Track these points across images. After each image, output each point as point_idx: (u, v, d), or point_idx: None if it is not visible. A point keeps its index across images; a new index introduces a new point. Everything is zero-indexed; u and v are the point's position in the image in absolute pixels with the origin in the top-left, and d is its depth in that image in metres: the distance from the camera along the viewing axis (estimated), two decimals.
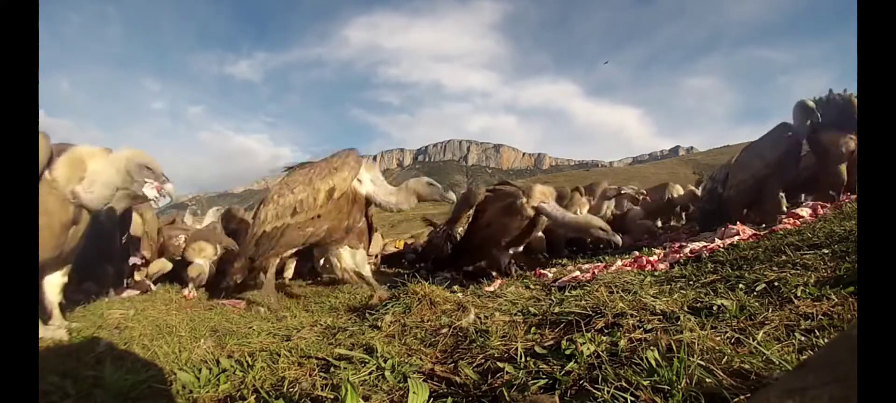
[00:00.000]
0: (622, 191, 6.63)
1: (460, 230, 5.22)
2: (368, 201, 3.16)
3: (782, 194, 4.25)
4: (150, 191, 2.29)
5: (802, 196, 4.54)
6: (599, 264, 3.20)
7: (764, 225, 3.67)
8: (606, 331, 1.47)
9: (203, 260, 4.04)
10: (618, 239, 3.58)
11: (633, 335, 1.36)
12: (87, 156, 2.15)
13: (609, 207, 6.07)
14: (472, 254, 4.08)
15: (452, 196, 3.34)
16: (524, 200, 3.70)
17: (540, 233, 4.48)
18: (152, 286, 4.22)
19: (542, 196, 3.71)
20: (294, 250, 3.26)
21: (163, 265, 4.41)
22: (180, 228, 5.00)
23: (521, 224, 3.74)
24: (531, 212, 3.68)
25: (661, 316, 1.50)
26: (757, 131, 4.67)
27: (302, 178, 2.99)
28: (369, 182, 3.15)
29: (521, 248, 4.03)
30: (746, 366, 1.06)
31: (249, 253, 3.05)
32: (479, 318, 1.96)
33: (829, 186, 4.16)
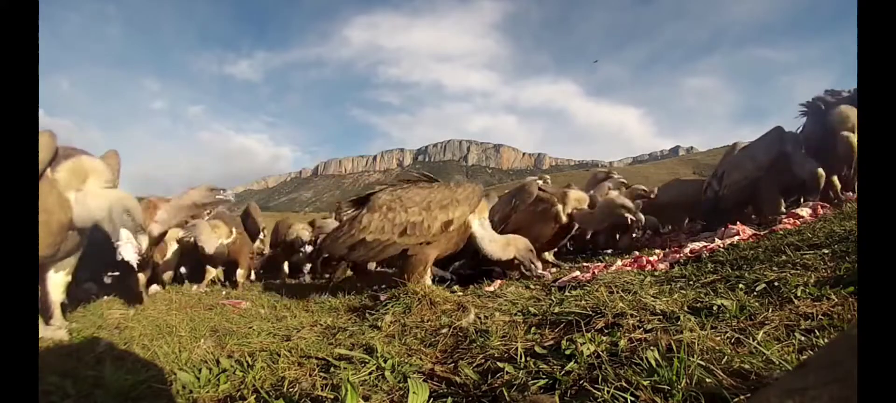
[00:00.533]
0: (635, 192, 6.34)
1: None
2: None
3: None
4: (127, 251, 2.08)
5: (802, 199, 4.51)
6: (599, 264, 3.20)
7: (764, 225, 3.67)
8: (606, 331, 1.47)
9: (216, 235, 4.15)
10: (642, 217, 3.62)
11: (633, 335, 1.36)
12: (90, 170, 2.14)
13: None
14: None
15: (539, 269, 3.14)
16: (560, 207, 3.54)
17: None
18: (157, 287, 4.22)
19: (578, 202, 3.58)
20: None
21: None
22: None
23: (552, 231, 3.59)
24: (565, 219, 3.54)
25: (661, 316, 1.50)
26: (757, 131, 4.70)
27: (419, 200, 2.80)
28: (478, 224, 2.98)
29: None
30: (746, 366, 1.06)
31: (340, 253, 2.85)
32: (479, 318, 1.96)
33: (840, 160, 3.95)
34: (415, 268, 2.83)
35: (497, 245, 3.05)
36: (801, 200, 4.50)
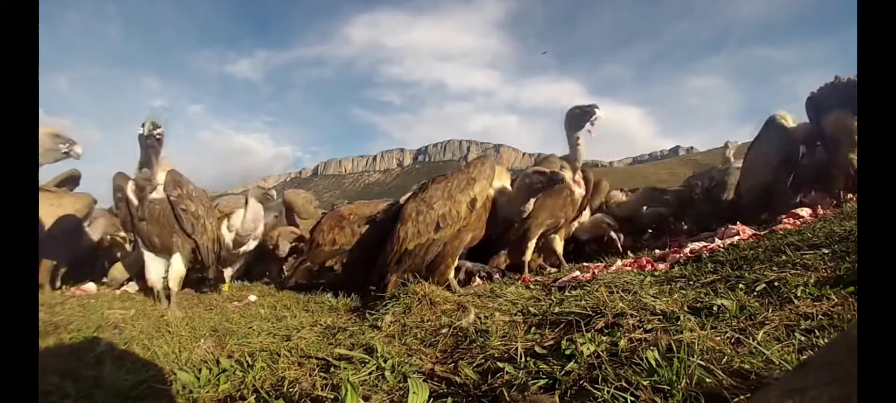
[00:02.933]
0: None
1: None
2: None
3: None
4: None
5: (812, 192, 4.44)
6: (599, 264, 3.19)
7: (764, 225, 3.66)
8: (606, 331, 1.47)
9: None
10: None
11: (633, 335, 1.36)
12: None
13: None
14: (501, 247, 3.56)
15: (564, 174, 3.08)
16: (571, 175, 3.39)
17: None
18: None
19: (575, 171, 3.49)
20: None
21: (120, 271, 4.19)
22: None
23: (565, 204, 3.46)
24: (576, 190, 3.44)
25: (661, 316, 1.50)
26: (757, 131, 4.62)
27: (440, 193, 2.92)
28: (498, 191, 3.06)
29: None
30: (746, 366, 1.06)
31: (392, 271, 2.98)
32: (479, 318, 1.96)
33: (840, 177, 3.88)
34: (445, 258, 2.93)
35: (514, 202, 3.06)
36: (813, 193, 4.44)
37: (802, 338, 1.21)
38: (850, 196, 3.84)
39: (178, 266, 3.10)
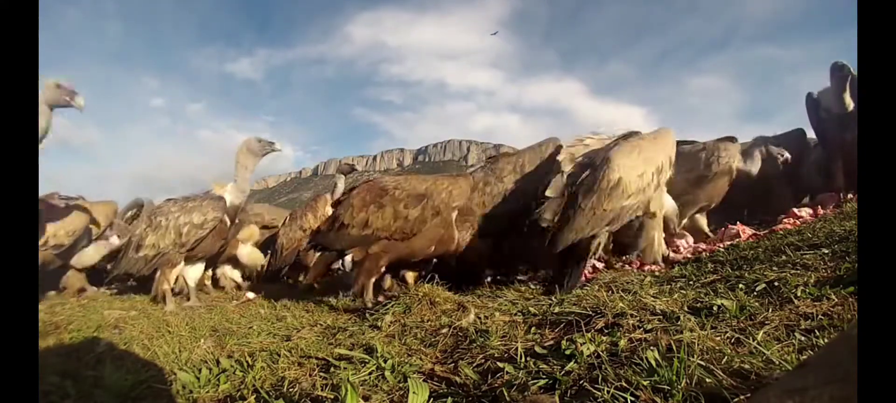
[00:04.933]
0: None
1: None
2: None
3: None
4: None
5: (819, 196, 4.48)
6: (599, 265, 3.19)
7: (764, 225, 3.66)
8: (606, 331, 1.47)
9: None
10: None
11: (633, 335, 1.36)
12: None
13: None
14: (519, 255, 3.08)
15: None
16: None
17: None
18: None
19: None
20: None
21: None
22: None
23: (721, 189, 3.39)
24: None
25: (661, 316, 1.50)
26: (759, 131, 4.65)
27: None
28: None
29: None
30: (746, 366, 1.06)
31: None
32: (479, 318, 1.96)
33: (840, 174, 3.88)
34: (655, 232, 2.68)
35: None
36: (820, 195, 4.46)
37: (802, 338, 1.21)
38: (850, 196, 3.85)
39: (202, 268, 3.76)
